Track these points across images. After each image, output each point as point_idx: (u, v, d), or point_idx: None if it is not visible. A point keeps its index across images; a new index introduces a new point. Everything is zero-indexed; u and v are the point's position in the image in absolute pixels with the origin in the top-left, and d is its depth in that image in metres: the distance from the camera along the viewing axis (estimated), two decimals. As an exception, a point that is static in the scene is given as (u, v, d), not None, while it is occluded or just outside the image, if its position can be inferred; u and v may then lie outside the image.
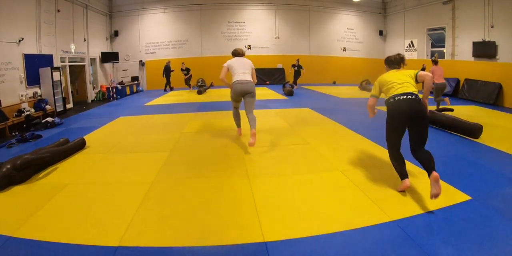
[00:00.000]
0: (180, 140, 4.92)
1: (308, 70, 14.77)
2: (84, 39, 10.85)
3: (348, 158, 3.86)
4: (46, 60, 8.36)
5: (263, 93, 11.29)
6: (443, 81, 6.59)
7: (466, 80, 9.99)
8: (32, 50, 7.87)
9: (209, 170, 3.54)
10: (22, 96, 7.25)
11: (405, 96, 2.73)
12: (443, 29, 11.40)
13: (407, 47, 13.59)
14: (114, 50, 13.29)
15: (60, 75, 8.48)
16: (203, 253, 2.06)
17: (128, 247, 2.09)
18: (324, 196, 2.81)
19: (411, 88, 2.81)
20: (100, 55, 12.16)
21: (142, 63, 13.94)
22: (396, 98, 2.77)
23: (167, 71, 12.61)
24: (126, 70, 13.77)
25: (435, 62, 6.68)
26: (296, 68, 12.70)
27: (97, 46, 11.98)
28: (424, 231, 2.22)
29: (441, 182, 3.06)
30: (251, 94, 4.43)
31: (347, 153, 4.09)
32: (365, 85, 12.06)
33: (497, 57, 9.11)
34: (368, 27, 15.34)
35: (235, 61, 4.50)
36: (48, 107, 7.67)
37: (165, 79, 12.74)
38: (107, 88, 11.33)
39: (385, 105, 2.93)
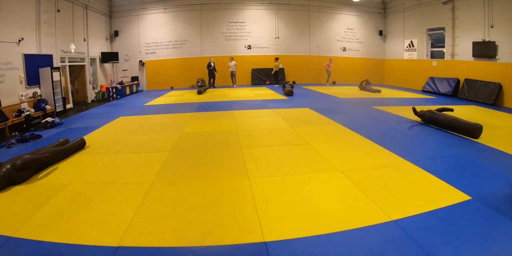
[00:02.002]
0: (180, 140, 4.92)
1: (308, 70, 14.81)
2: (84, 39, 10.84)
3: (348, 158, 3.86)
4: (46, 60, 8.36)
5: (263, 93, 11.30)
6: (329, 69, 13.86)
7: (466, 80, 10.00)
8: (32, 50, 7.87)
9: (209, 170, 3.54)
10: (22, 96, 7.25)
11: (277, 69, 13.47)
12: (443, 29, 11.40)
13: (407, 47, 13.59)
14: (114, 50, 13.29)
15: (60, 75, 8.48)
16: (203, 253, 2.06)
17: (128, 247, 2.09)
18: (324, 196, 2.81)
19: (277, 68, 13.52)
20: (100, 55, 12.16)
21: (142, 63, 13.94)
22: (274, 69, 13.47)
23: (209, 69, 13.19)
24: (126, 70, 13.77)
25: (330, 61, 13.82)
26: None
27: (97, 46, 11.97)
28: (424, 231, 2.22)
29: (441, 182, 3.08)
30: (235, 74, 13.27)
31: (347, 153, 4.09)
32: (365, 85, 12.06)
33: (497, 57, 9.11)
34: (368, 27, 15.33)
35: (230, 63, 13.20)
36: (48, 107, 7.67)
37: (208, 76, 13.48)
38: (107, 88, 11.32)
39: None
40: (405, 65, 13.68)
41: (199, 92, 11.32)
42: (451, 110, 6.03)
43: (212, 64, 13.07)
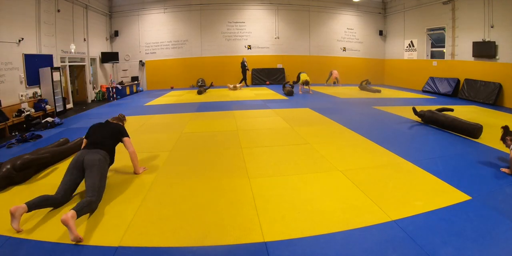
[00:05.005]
0: (180, 140, 4.92)
1: (308, 70, 14.79)
2: (84, 39, 10.84)
3: (348, 158, 3.86)
4: (46, 60, 8.36)
5: (263, 93, 11.30)
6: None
7: (466, 80, 9.99)
8: (32, 50, 7.87)
9: (209, 170, 3.54)
10: (22, 96, 7.25)
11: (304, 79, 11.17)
12: (443, 29, 11.40)
13: (407, 47, 13.58)
14: (114, 50, 13.29)
15: (60, 75, 8.48)
16: (203, 253, 2.06)
17: (128, 247, 2.09)
18: (324, 196, 2.81)
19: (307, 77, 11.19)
20: (100, 55, 12.16)
21: (142, 63, 13.94)
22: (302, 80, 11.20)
23: (243, 67, 13.43)
24: (126, 70, 13.77)
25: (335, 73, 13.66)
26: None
27: (97, 46, 11.97)
28: (424, 231, 2.22)
29: (441, 182, 3.08)
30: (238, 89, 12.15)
31: (347, 153, 4.09)
32: (365, 85, 12.06)
33: (497, 57, 9.10)
34: (368, 27, 15.33)
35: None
36: (48, 107, 7.66)
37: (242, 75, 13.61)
38: (107, 88, 11.32)
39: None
40: (405, 65, 13.68)
41: (199, 92, 11.32)
42: (451, 110, 6.03)
43: (246, 63, 13.43)
